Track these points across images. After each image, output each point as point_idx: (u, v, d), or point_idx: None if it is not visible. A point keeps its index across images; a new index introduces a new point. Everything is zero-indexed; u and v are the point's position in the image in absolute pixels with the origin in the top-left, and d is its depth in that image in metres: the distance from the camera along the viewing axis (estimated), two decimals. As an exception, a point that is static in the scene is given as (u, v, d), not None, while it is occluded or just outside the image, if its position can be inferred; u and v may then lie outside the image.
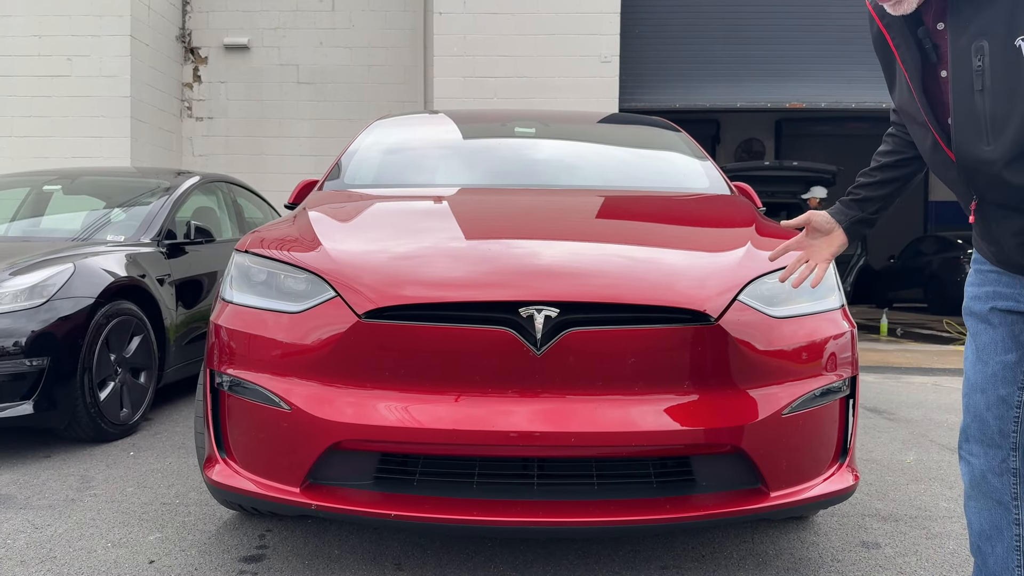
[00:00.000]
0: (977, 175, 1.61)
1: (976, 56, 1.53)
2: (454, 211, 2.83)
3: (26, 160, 8.88)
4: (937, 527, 2.93)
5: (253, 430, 2.25)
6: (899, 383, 6.34)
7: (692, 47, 9.85)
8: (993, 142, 1.53)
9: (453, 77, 9.23)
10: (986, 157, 1.55)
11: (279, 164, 10.44)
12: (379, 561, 2.52)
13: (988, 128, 1.54)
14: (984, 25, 1.52)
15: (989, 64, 1.51)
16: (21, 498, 3.09)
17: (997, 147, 1.53)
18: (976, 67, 1.53)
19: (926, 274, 13.72)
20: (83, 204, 5.27)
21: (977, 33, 1.53)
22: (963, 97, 1.57)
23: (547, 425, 2.04)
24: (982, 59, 1.52)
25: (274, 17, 10.61)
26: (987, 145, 1.55)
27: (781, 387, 2.19)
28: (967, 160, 1.60)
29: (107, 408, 3.90)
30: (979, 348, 1.78)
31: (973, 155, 1.58)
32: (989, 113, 1.53)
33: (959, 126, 1.59)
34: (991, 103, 1.52)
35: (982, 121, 1.54)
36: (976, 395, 1.78)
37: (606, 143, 4.10)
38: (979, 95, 1.54)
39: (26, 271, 3.74)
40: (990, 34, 1.51)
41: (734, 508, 2.12)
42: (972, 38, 1.54)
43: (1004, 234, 1.64)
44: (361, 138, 3.87)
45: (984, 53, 1.52)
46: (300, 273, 2.29)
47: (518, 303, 2.07)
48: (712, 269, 2.31)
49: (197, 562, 2.50)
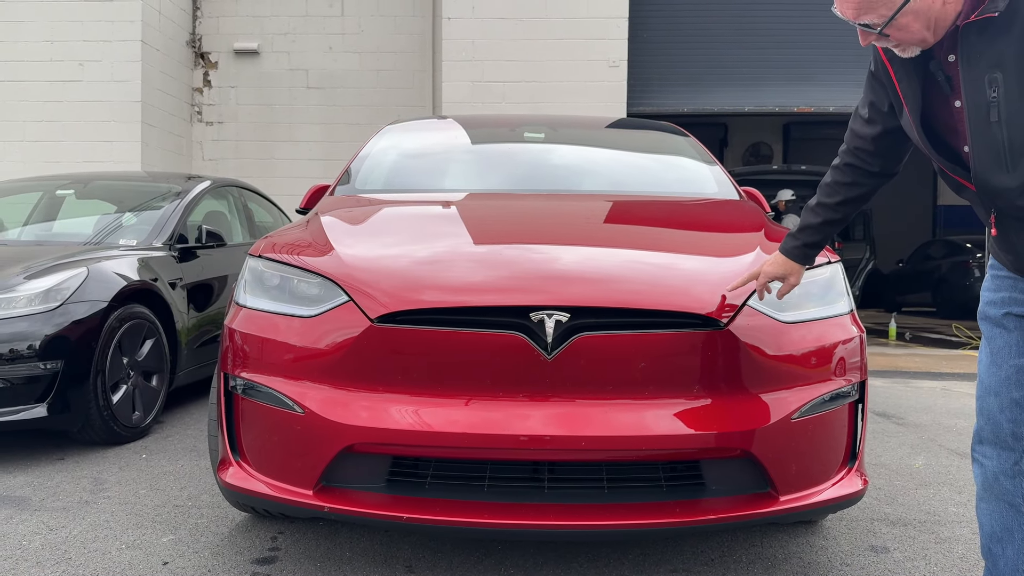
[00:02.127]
0: (997, 200, 1.65)
1: (991, 88, 1.57)
2: (464, 216, 2.85)
3: (38, 164, 8.95)
4: (946, 531, 2.93)
5: (266, 433, 2.27)
6: (908, 387, 6.33)
7: (700, 51, 9.86)
8: (1012, 170, 1.58)
9: (462, 82, 9.26)
10: (1006, 184, 1.60)
11: (289, 168, 10.49)
12: (390, 563, 2.54)
13: (1007, 157, 1.58)
14: (997, 57, 1.56)
15: (1004, 95, 1.55)
16: (36, 500, 3.12)
17: (1016, 175, 1.57)
18: (991, 98, 1.57)
19: (935, 278, 13.68)
20: (95, 208, 5.32)
21: (991, 65, 1.57)
22: (980, 127, 1.61)
23: (558, 429, 2.06)
24: (997, 90, 1.56)
25: (284, 22, 10.67)
26: (1006, 173, 1.59)
27: (790, 392, 2.20)
28: (986, 187, 1.64)
29: (120, 411, 3.93)
30: (993, 352, 1.80)
31: (993, 183, 1.62)
32: (1007, 142, 1.57)
33: (978, 155, 1.63)
34: (1008, 133, 1.56)
35: (1001, 150, 1.58)
36: (990, 398, 1.80)
37: (615, 148, 4.12)
38: (996, 125, 1.58)
39: (40, 275, 3.78)
40: (1004, 65, 1.55)
41: (743, 512, 2.13)
42: (985, 70, 1.57)
43: (1022, 244, 1.67)
44: (372, 143, 3.90)
45: (999, 84, 1.56)
46: (313, 278, 2.32)
47: (529, 308, 2.09)
48: (722, 274, 2.32)
49: (210, 564, 2.52)
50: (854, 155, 2.00)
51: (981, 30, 1.57)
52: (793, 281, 2.17)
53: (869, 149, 1.97)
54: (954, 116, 1.67)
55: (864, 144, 1.97)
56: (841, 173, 2.04)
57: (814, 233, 2.11)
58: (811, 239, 2.12)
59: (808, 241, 2.12)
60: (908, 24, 1.61)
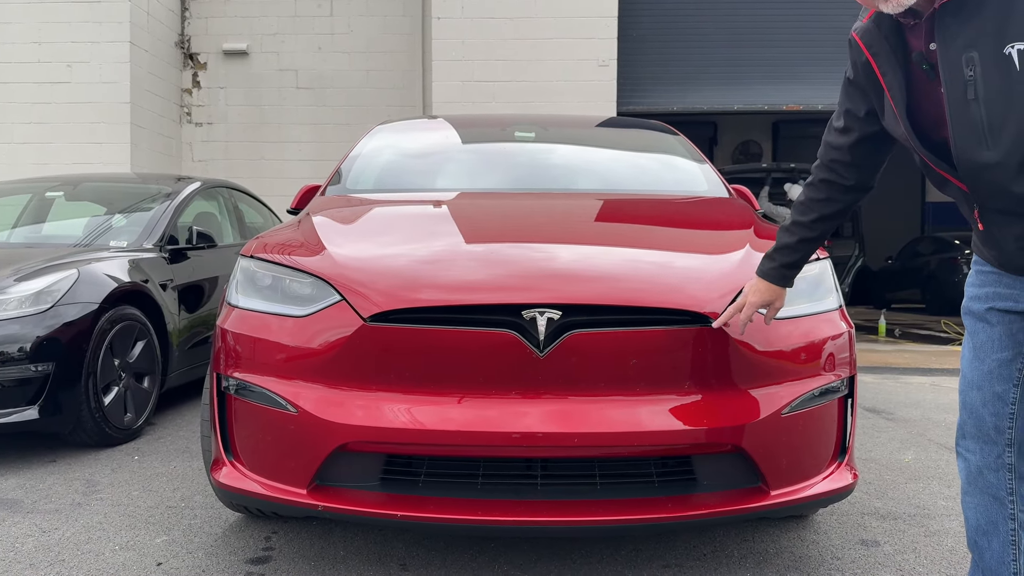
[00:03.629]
0: (979, 181, 1.65)
1: (967, 67, 1.58)
2: (456, 215, 2.86)
3: (26, 167, 8.89)
4: (935, 525, 2.96)
5: (260, 433, 2.27)
6: (897, 383, 6.37)
7: (689, 50, 9.89)
8: (993, 147, 1.58)
9: (452, 81, 9.26)
10: (987, 161, 1.60)
11: (279, 169, 10.46)
12: (384, 562, 2.55)
13: (987, 134, 1.58)
14: (972, 37, 1.57)
15: (981, 73, 1.56)
16: (28, 502, 3.11)
17: (997, 151, 1.58)
18: (968, 77, 1.58)
19: (924, 275, 13.76)
20: (85, 210, 5.30)
21: (966, 45, 1.58)
22: (958, 107, 1.62)
23: (550, 426, 2.07)
24: (973, 69, 1.57)
25: (273, 23, 10.64)
26: (988, 150, 1.59)
27: (780, 387, 2.22)
28: (968, 166, 1.64)
29: (111, 413, 3.92)
30: (976, 346, 1.82)
31: (974, 161, 1.62)
32: (986, 120, 1.58)
33: (958, 135, 1.64)
34: (987, 110, 1.57)
35: (980, 128, 1.59)
36: (972, 392, 1.82)
37: (605, 147, 4.14)
38: (973, 104, 1.58)
39: (30, 277, 3.77)
40: (979, 45, 1.56)
41: (735, 507, 2.15)
42: (961, 50, 1.58)
43: (1006, 239, 1.69)
44: (363, 143, 3.90)
45: (975, 63, 1.56)
46: (305, 277, 2.32)
47: (521, 306, 2.10)
48: (712, 271, 2.34)
49: (204, 564, 2.52)
50: (829, 169, 1.99)
51: (956, 11, 1.59)
52: (778, 305, 2.16)
53: (845, 160, 1.96)
54: (940, 105, 1.67)
55: (840, 155, 1.97)
56: (815, 190, 2.03)
57: (791, 253, 2.10)
58: (788, 259, 2.11)
59: (785, 261, 2.11)
60: None
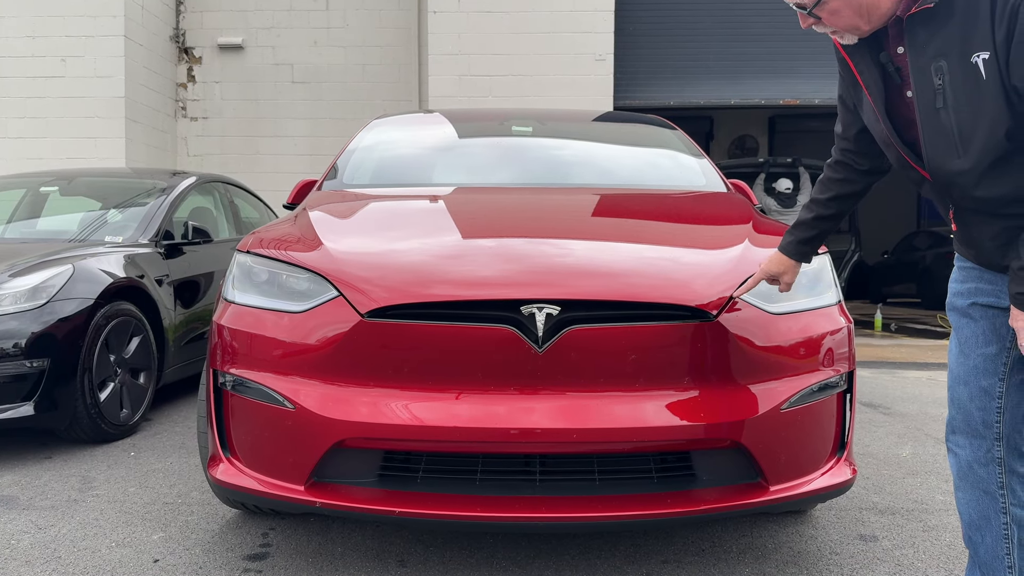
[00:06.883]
0: (952, 187, 1.67)
1: (936, 75, 1.60)
2: (453, 210, 2.85)
3: (21, 162, 8.86)
4: (934, 520, 2.96)
5: (257, 429, 2.26)
6: (894, 378, 6.38)
7: (686, 45, 9.87)
8: (964, 154, 1.60)
9: (448, 76, 9.24)
10: (958, 168, 1.62)
11: (274, 164, 10.43)
12: (382, 558, 2.54)
13: (958, 142, 1.60)
14: (941, 46, 1.59)
15: (949, 82, 1.58)
16: (24, 499, 3.10)
17: (967, 159, 1.60)
18: (937, 86, 1.60)
19: (919, 269, 13.76)
20: (80, 205, 5.27)
21: (935, 54, 1.60)
22: (928, 115, 1.64)
23: (549, 422, 2.06)
24: (942, 78, 1.59)
25: (268, 17, 10.59)
26: (958, 158, 1.61)
27: (779, 382, 2.21)
28: (940, 174, 1.67)
29: (107, 409, 3.91)
30: (961, 342, 1.83)
31: (946, 168, 1.65)
32: (956, 127, 1.60)
33: (929, 143, 1.66)
34: (956, 118, 1.59)
35: (951, 136, 1.61)
36: (960, 387, 1.83)
37: (603, 141, 4.12)
38: (943, 112, 1.61)
39: (25, 273, 3.75)
40: (948, 54, 1.58)
41: (734, 502, 2.15)
42: (931, 59, 1.61)
43: (982, 238, 1.71)
44: (359, 138, 3.88)
45: (944, 72, 1.59)
46: (302, 273, 2.31)
47: (520, 301, 2.09)
48: (711, 266, 2.33)
49: (201, 560, 2.51)
50: (843, 154, 2.03)
51: (925, 21, 1.61)
52: (788, 279, 2.18)
53: (853, 149, 1.99)
54: (909, 107, 1.70)
55: (847, 145, 2.00)
56: (833, 170, 2.06)
57: (807, 229, 2.12)
58: (804, 235, 2.13)
59: (801, 237, 2.13)
60: (839, 10, 1.65)
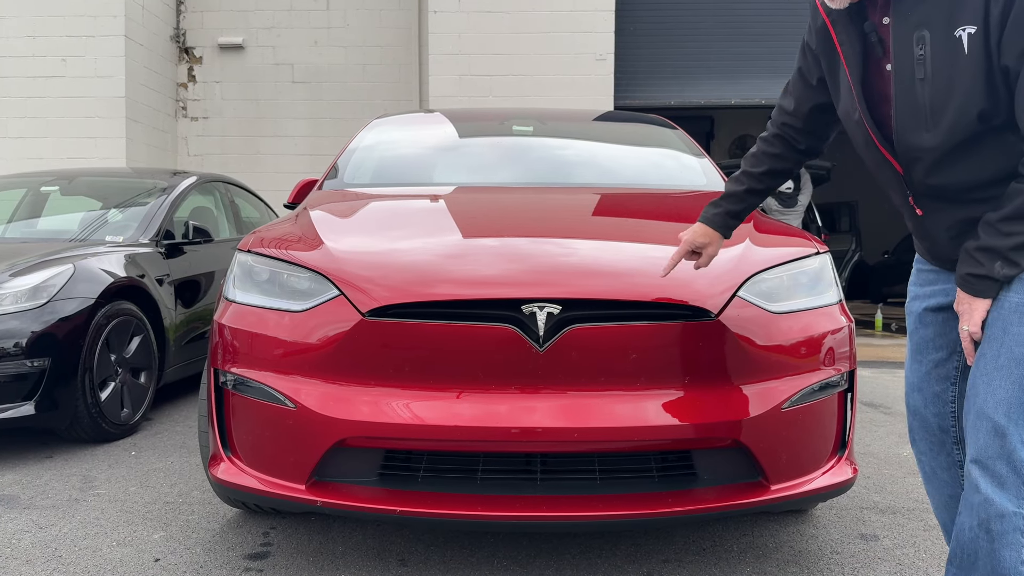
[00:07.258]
0: (915, 166, 1.63)
1: (918, 46, 1.55)
2: (454, 210, 2.85)
3: (21, 161, 8.85)
4: (934, 519, 2.96)
5: (258, 428, 2.26)
6: (895, 377, 6.37)
7: (686, 44, 9.87)
8: (932, 129, 1.56)
9: (448, 76, 9.23)
10: (925, 144, 1.58)
11: (275, 163, 10.43)
12: (383, 557, 2.54)
13: (928, 115, 1.56)
14: (925, 16, 1.54)
15: (930, 53, 1.54)
16: (25, 498, 3.10)
17: (936, 133, 1.56)
18: (918, 56, 1.55)
19: (920, 269, 13.73)
20: (81, 205, 5.27)
21: (919, 23, 1.55)
22: (905, 86, 1.59)
23: (550, 421, 2.06)
24: (924, 48, 1.54)
25: (268, 17, 10.59)
26: (927, 131, 1.57)
27: (780, 382, 2.21)
28: (906, 148, 1.63)
29: (108, 408, 3.91)
30: (914, 348, 1.84)
31: (913, 143, 1.60)
32: (929, 101, 1.55)
33: (900, 115, 1.62)
34: (931, 91, 1.55)
35: (923, 110, 1.57)
36: (915, 394, 1.84)
37: (603, 141, 4.12)
38: (920, 84, 1.56)
39: (26, 272, 3.75)
40: (931, 24, 1.53)
41: (735, 501, 2.15)
42: (914, 28, 1.56)
43: (938, 229, 1.68)
44: (360, 138, 3.88)
45: (926, 43, 1.54)
46: (303, 272, 2.31)
47: (521, 300, 2.09)
48: (711, 265, 2.32)
49: (202, 560, 2.51)
50: (783, 128, 2.01)
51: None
52: (711, 252, 2.14)
53: (797, 126, 1.98)
54: (886, 81, 1.65)
55: (792, 120, 1.98)
56: (770, 144, 2.04)
57: (737, 201, 2.09)
58: (733, 207, 2.10)
59: (731, 209, 2.10)
60: None
